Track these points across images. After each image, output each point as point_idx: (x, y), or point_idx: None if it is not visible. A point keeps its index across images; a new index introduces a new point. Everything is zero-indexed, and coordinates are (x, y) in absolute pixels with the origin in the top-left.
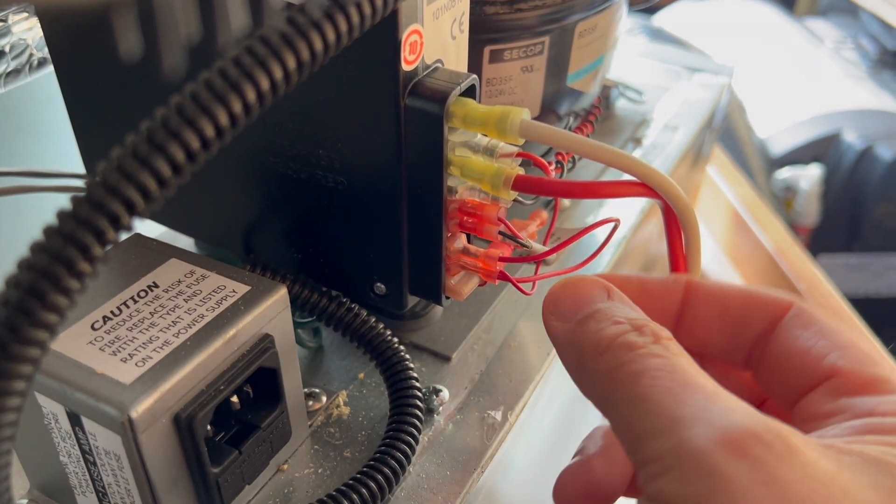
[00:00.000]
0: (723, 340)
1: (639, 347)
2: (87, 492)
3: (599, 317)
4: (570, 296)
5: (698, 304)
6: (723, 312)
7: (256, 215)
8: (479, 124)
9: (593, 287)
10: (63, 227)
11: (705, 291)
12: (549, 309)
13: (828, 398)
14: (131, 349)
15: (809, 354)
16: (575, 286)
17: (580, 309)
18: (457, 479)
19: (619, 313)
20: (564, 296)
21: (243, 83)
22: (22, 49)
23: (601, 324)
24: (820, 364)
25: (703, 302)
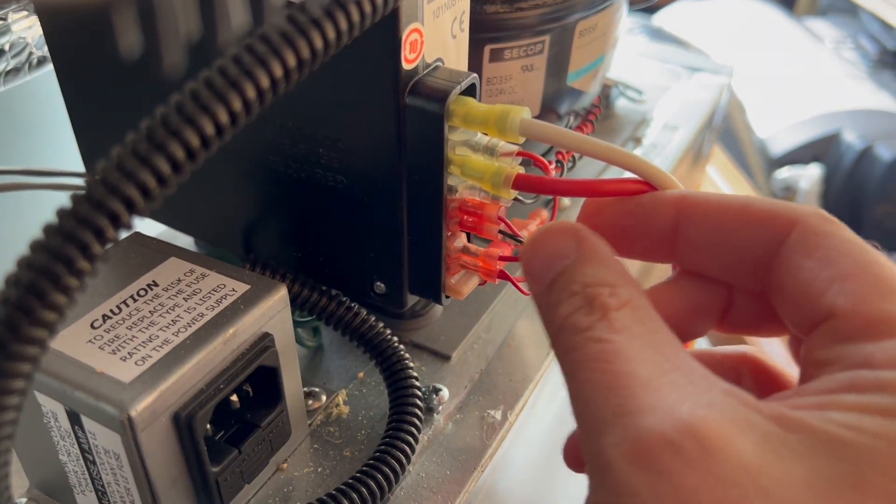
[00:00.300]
0: (720, 267)
1: (583, 331)
2: (87, 490)
3: (561, 283)
4: (539, 253)
5: (690, 223)
6: (716, 233)
7: (256, 214)
8: (480, 123)
9: (560, 237)
10: (62, 225)
11: (698, 208)
12: (524, 269)
13: (826, 343)
14: (131, 348)
15: (810, 290)
16: (543, 240)
17: (550, 268)
18: (456, 479)
19: (579, 278)
20: (534, 254)
21: (243, 81)
22: (22, 47)
23: (561, 294)
24: (819, 302)
25: (695, 220)
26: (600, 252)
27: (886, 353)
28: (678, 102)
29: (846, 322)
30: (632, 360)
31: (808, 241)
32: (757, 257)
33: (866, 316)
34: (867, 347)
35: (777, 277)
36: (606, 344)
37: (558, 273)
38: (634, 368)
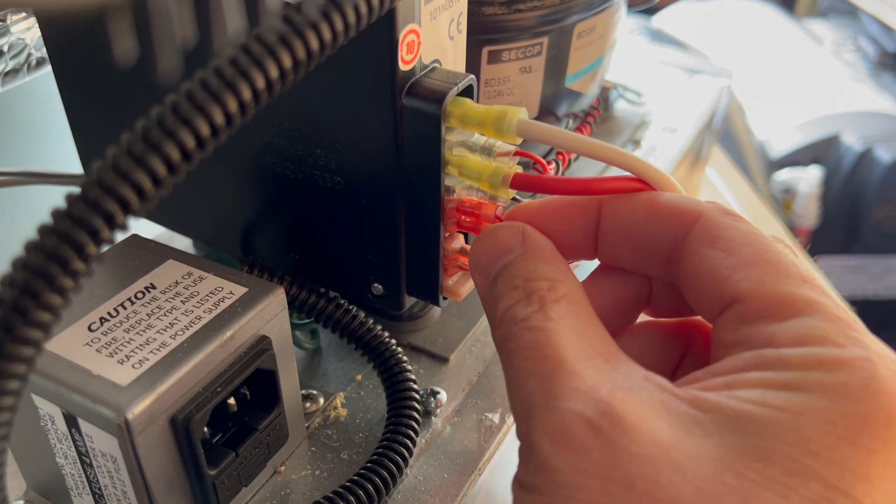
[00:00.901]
0: (635, 260)
1: (520, 321)
2: (84, 493)
3: (505, 277)
4: (486, 247)
5: (607, 221)
6: (628, 229)
7: (254, 216)
8: (477, 124)
9: (507, 234)
10: (57, 226)
11: (613, 206)
12: (471, 265)
13: (732, 326)
14: (128, 351)
15: (715, 277)
16: (491, 236)
17: (495, 262)
18: (454, 482)
19: (521, 272)
20: (481, 248)
21: (239, 82)
22: (20, 49)
23: (503, 288)
24: (724, 287)
25: (611, 218)
26: (543, 248)
27: (788, 332)
28: (677, 104)
29: (749, 305)
30: (562, 348)
31: (710, 232)
32: (665, 249)
33: (768, 298)
34: (770, 328)
35: (683, 267)
36: (540, 332)
37: (503, 267)
38: (564, 355)
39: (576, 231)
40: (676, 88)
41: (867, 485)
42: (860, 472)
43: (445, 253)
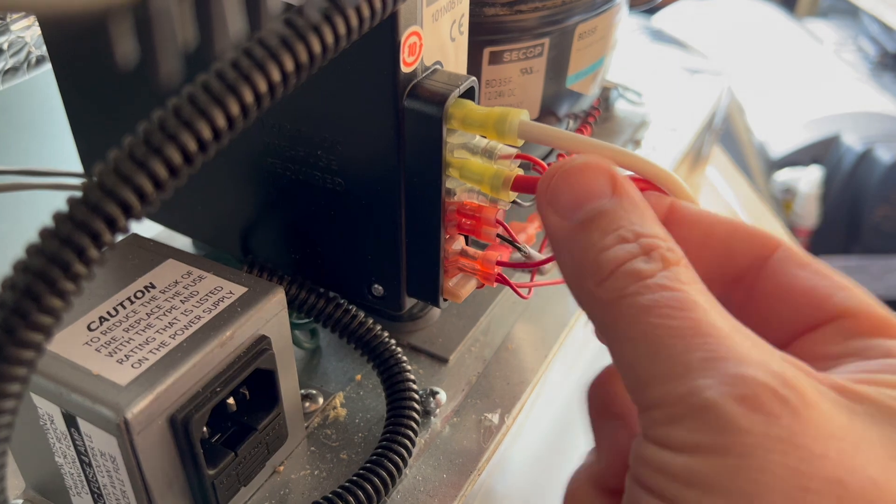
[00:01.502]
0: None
1: (646, 277)
2: (83, 493)
3: (604, 225)
4: (570, 186)
5: (681, 227)
6: (706, 239)
7: (254, 216)
8: (478, 126)
9: (597, 176)
10: (59, 229)
11: (689, 215)
12: (545, 198)
13: (838, 339)
14: (127, 350)
15: (814, 293)
16: (578, 174)
17: (581, 205)
18: (453, 482)
19: (626, 224)
20: (564, 185)
21: (241, 86)
22: (20, 47)
23: (606, 238)
24: (827, 303)
25: (686, 225)
26: (640, 201)
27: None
28: (678, 104)
29: (861, 321)
30: (707, 313)
31: (797, 257)
32: (741, 265)
33: (877, 317)
34: (886, 343)
35: (768, 283)
36: (679, 292)
37: (596, 212)
38: (714, 320)
39: None
40: (677, 88)
41: None
42: None
43: (446, 255)
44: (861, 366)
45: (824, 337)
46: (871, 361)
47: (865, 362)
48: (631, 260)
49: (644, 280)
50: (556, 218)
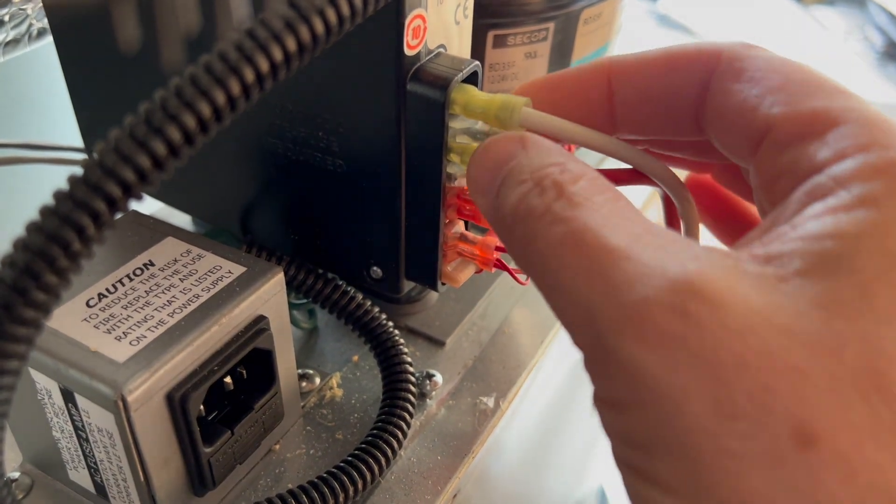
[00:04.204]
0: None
1: (540, 213)
2: (80, 467)
3: (509, 181)
4: (483, 163)
5: (622, 86)
6: (647, 86)
7: (254, 196)
8: (480, 112)
9: (506, 144)
10: (59, 207)
11: (626, 68)
12: (471, 187)
13: (771, 158)
14: (126, 327)
15: (743, 111)
16: (487, 150)
17: (496, 176)
18: (448, 464)
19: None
20: (480, 167)
21: (243, 66)
22: (21, 19)
23: (509, 188)
24: (754, 119)
25: (625, 81)
26: (546, 143)
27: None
28: None
29: (784, 128)
30: (602, 232)
31: (733, 67)
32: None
33: (801, 117)
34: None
35: (711, 111)
36: (571, 222)
37: (506, 174)
38: (608, 240)
39: (588, 104)
40: None
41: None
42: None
43: (445, 239)
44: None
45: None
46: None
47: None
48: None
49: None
50: (481, 199)
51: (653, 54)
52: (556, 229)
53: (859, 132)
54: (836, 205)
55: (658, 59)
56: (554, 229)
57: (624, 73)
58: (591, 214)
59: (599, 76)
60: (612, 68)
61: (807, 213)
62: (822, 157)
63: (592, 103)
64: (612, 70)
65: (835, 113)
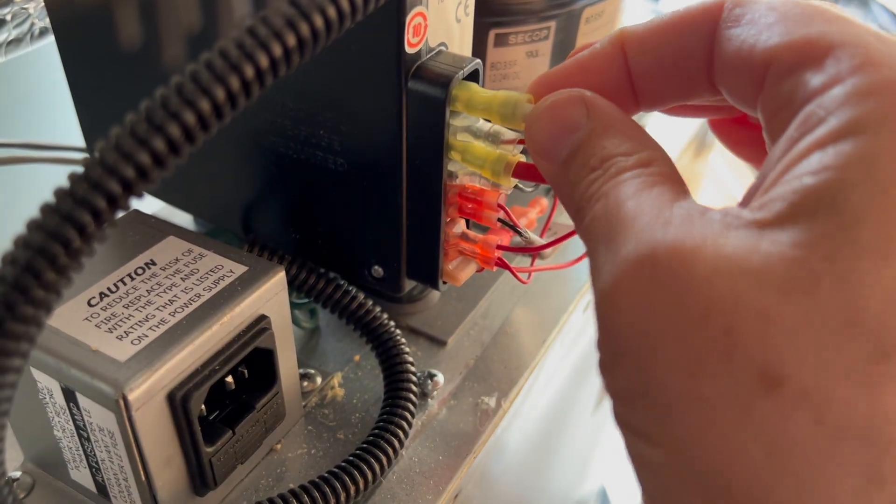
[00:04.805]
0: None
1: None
2: (81, 466)
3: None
4: (547, 128)
5: (637, 56)
6: (660, 53)
7: (256, 194)
8: (482, 109)
9: (569, 108)
10: (60, 205)
11: (638, 38)
12: (531, 147)
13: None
14: (127, 327)
15: (742, 52)
16: (551, 114)
17: (561, 144)
18: (449, 464)
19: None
20: (541, 129)
21: (244, 63)
22: (24, 18)
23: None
24: (753, 57)
25: (639, 51)
26: (613, 118)
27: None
28: None
29: (781, 59)
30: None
31: (734, 14)
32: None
33: (795, 46)
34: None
35: (717, 63)
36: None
37: (575, 147)
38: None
39: (608, 85)
40: None
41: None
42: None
43: (446, 237)
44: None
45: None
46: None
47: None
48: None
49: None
50: (545, 163)
51: (663, 18)
52: (597, 205)
53: (854, 54)
54: (823, 136)
55: (667, 22)
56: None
57: (637, 43)
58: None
59: (614, 51)
60: (626, 40)
61: (795, 151)
62: (816, 84)
63: (613, 80)
64: (625, 42)
65: (830, 37)
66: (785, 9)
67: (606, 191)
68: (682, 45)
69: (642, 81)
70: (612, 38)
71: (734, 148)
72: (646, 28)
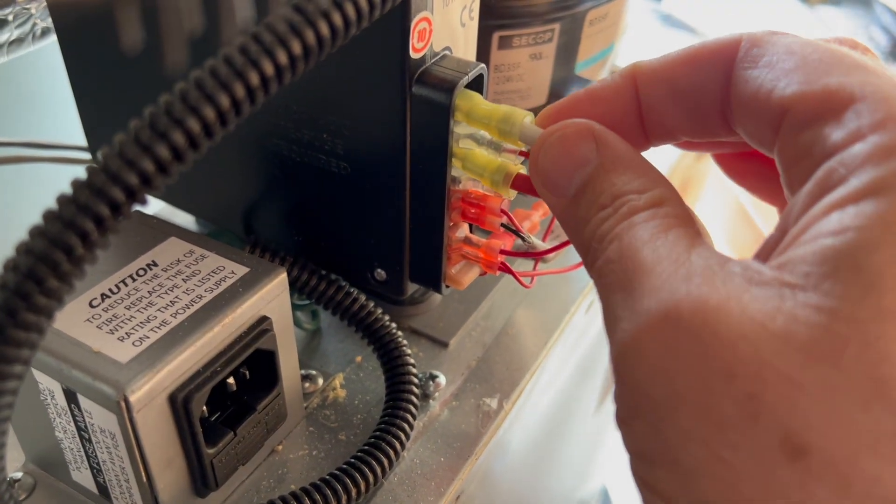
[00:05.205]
0: (689, 122)
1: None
2: (82, 468)
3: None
4: (555, 162)
5: (649, 91)
6: (674, 89)
7: (258, 196)
8: (482, 122)
9: (579, 143)
10: (63, 211)
11: (651, 72)
12: (538, 180)
13: (788, 142)
14: (129, 328)
15: (759, 96)
16: (560, 147)
17: (570, 179)
18: (450, 466)
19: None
20: (551, 164)
21: (248, 70)
22: (25, 18)
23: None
24: (770, 103)
25: (652, 86)
26: (622, 154)
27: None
28: None
29: (799, 109)
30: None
31: (752, 54)
32: (715, 95)
33: (815, 95)
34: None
35: (733, 102)
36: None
37: (584, 183)
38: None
39: (618, 119)
40: None
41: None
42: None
43: (449, 242)
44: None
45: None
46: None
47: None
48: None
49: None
50: (552, 198)
51: (677, 54)
52: (610, 248)
53: (876, 109)
54: (845, 196)
55: (682, 58)
56: (609, 248)
57: (649, 78)
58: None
59: (626, 85)
60: (638, 75)
61: (815, 209)
62: (836, 139)
63: (622, 114)
64: (637, 76)
65: (851, 89)
66: (804, 53)
67: (620, 233)
68: (696, 80)
69: (653, 116)
70: (625, 71)
71: (738, 179)
72: (660, 62)
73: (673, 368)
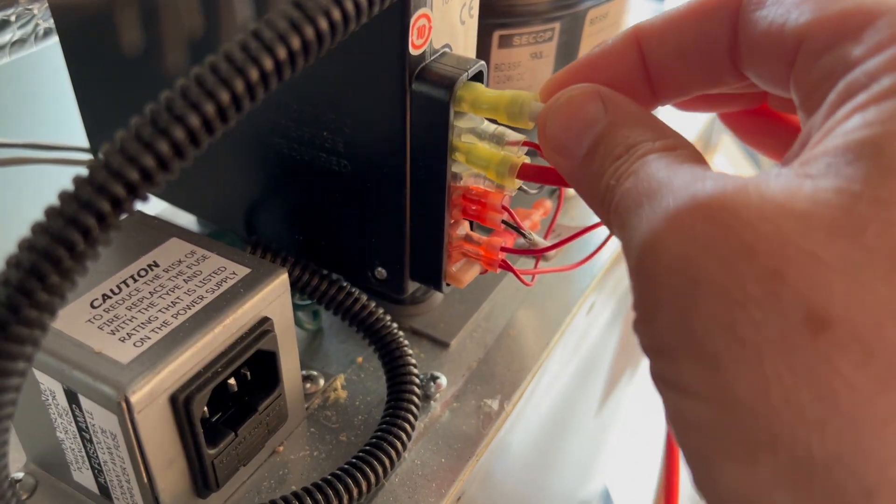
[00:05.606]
0: (698, 75)
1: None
2: (83, 468)
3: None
4: (564, 125)
5: (654, 49)
6: (680, 43)
7: (259, 196)
8: (488, 109)
9: (586, 104)
10: (65, 208)
11: (655, 30)
12: (547, 145)
13: (806, 70)
14: (130, 329)
15: (771, 32)
16: (567, 110)
17: (580, 139)
18: (452, 467)
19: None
20: (559, 126)
21: (249, 67)
22: (28, 19)
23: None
24: (783, 37)
25: (657, 43)
26: (630, 110)
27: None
28: None
29: (815, 36)
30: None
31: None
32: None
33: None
34: (844, 49)
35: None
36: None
37: (595, 141)
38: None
39: (623, 81)
40: None
41: None
42: None
43: (450, 239)
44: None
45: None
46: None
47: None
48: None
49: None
50: (562, 160)
51: (680, 9)
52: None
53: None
54: (867, 99)
55: (686, 12)
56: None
57: (654, 36)
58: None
59: (628, 47)
60: (641, 34)
61: (838, 115)
62: (856, 55)
63: (627, 77)
64: (640, 37)
65: (868, 8)
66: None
67: (635, 169)
68: (703, 32)
69: (662, 73)
70: (626, 33)
71: (747, 138)
72: (663, 19)
73: (693, 254)
